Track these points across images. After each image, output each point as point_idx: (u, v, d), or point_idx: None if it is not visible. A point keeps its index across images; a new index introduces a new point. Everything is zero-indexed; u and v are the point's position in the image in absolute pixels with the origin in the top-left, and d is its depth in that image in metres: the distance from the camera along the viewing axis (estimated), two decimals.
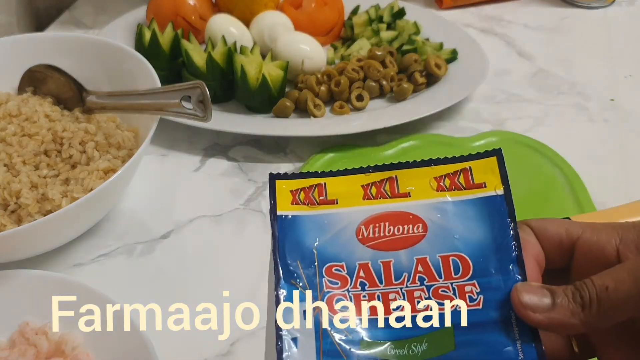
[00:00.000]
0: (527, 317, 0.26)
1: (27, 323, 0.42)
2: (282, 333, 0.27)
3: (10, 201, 0.47)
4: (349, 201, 0.30)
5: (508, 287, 0.27)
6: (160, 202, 0.55)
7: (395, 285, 0.28)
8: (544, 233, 0.28)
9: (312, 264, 0.29)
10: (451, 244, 0.29)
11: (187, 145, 0.61)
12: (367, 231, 0.29)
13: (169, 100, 0.51)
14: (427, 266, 0.28)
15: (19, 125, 0.52)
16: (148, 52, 0.61)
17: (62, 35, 0.62)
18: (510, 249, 0.28)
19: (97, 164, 0.50)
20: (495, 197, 0.29)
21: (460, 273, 0.28)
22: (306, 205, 0.30)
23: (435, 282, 0.28)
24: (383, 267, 0.29)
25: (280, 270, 0.28)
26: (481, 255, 0.28)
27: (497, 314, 0.27)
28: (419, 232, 0.29)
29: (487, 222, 0.29)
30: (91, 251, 0.50)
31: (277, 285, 0.28)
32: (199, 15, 0.71)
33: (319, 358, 0.27)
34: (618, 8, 0.82)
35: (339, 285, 0.28)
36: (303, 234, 0.29)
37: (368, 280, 0.28)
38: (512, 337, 0.27)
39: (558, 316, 0.25)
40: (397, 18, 0.74)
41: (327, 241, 0.29)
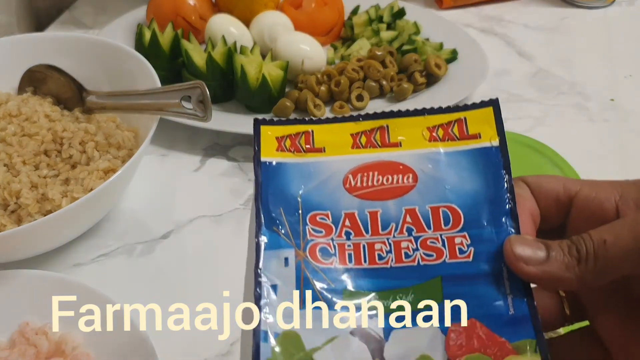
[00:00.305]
0: (519, 269, 0.25)
1: (27, 323, 0.42)
2: (262, 280, 0.26)
3: (10, 201, 0.47)
4: (337, 150, 0.29)
5: (500, 240, 0.26)
6: (160, 202, 0.55)
7: (382, 236, 0.27)
8: (540, 189, 0.28)
9: (295, 212, 0.28)
10: (442, 194, 0.28)
11: (187, 145, 0.61)
12: (355, 180, 0.28)
13: (169, 100, 0.51)
14: (416, 217, 0.28)
15: (19, 125, 0.52)
16: (148, 52, 0.61)
17: (62, 35, 0.62)
18: (504, 201, 0.27)
19: (97, 164, 0.50)
20: (490, 149, 0.28)
21: (451, 224, 0.27)
22: (292, 152, 0.29)
23: (424, 233, 0.27)
24: (370, 217, 0.28)
25: (262, 217, 0.28)
26: (473, 207, 0.27)
27: (488, 267, 0.26)
28: (409, 183, 0.28)
29: (480, 173, 0.28)
30: (91, 251, 0.50)
31: (258, 232, 0.27)
32: (199, 15, 0.71)
33: (299, 306, 0.26)
34: (618, 8, 0.82)
35: (323, 233, 0.28)
36: (287, 182, 0.28)
37: (354, 230, 0.28)
38: (503, 291, 0.26)
39: (552, 269, 0.24)
40: (397, 18, 0.74)
41: (312, 189, 0.28)
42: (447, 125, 0.29)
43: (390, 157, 0.29)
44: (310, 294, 0.26)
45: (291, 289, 0.26)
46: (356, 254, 0.27)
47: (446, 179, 0.28)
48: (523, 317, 0.25)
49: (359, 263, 0.27)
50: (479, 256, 0.27)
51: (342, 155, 0.29)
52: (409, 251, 0.27)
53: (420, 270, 0.27)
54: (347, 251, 0.27)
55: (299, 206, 0.28)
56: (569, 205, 0.27)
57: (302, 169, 0.29)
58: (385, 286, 0.27)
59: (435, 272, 0.27)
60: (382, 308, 0.26)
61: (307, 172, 0.29)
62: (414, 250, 0.27)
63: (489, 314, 0.25)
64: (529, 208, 0.27)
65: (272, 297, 0.26)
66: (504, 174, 0.28)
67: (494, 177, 0.28)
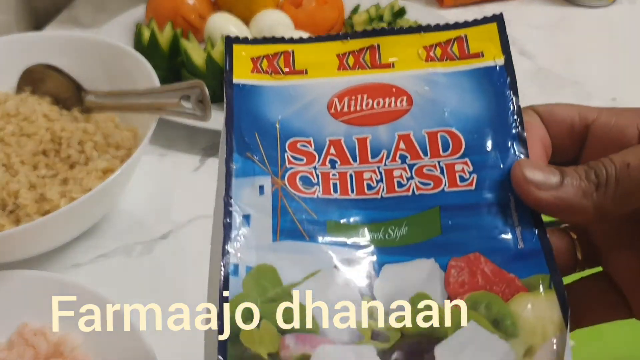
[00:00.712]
0: (530, 195, 0.22)
1: (25, 324, 0.42)
2: (232, 209, 0.23)
3: (9, 201, 0.47)
4: (320, 71, 0.26)
5: (507, 166, 0.24)
6: (160, 202, 0.55)
7: (372, 164, 0.25)
8: (553, 117, 0.25)
9: (272, 138, 0.25)
10: (440, 118, 0.25)
11: (187, 145, 0.60)
12: (341, 104, 0.25)
13: (168, 99, 0.50)
14: (410, 143, 0.25)
15: (18, 125, 0.52)
16: (147, 52, 0.61)
17: (60, 35, 0.62)
18: (511, 125, 0.24)
19: (96, 164, 0.50)
20: (494, 68, 0.25)
21: (450, 150, 0.24)
22: (269, 74, 0.26)
23: (420, 160, 0.24)
24: (358, 144, 0.25)
25: (233, 142, 0.24)
26: (476, 131, 0.24)
27: (493, 196, 0.23)
28: (403, 106, 0.25)
29: (483, 95, 0.25)
30: (90, 251, 0.50)
31: (229, 157, 0.24)
32: (199, 14, 0.71)
33: (275, 237, 0.23)
34: (619, 7, 0.82)
35: (304, 161, 0.24)
36: (263, 106, 0.25)
37: (339, 158, 0.25)
38: (511, 223, 0.23)
39: (567, 196, 0.22)
40: (397, 17, 0.74)
41: (292, 114, 0.25)
42: (445, 43, 0.26)
43: (382, 79, 0.26)
44: (289, 225, 0.23)
45: (267, 219, 0.23)
46: (342, 183, 0.24)
47: (445, 101, 0.25)
48: (534, 251, 0.22)
49: (345, 193, 0.24)
50: (482, 184, 0.24)
51: (326, 77, 0.26)
52: (402, 180, 0.24)
53: (416, 201, 0.24)
54: (332, 180, 0.24)
55: (277, 132, 0.25)
56: (584, 134, 0.25)
57: (281, 92, 0.26)
58: (375, 218, 0.24)
59: (432, 202, 0.24)
60: (372, 241, 0.23)
61: (286, 95, 0.26)
62: (408, 179, 0.24)
63: (495, 248, 0.23)
64: (540, 136, 0.25)
65: (244, 228, 0.23)
66: (510, 95, 0.25)
67: (498, 99, 0.25)
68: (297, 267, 0.23)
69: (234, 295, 0.22)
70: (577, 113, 0.25)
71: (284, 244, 0.23)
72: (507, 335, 0.21)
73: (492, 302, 0.22)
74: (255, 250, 0.23)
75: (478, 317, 0.22)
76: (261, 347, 0.21)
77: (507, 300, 0.22)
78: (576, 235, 0.25)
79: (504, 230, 0.23)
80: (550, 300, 0.22)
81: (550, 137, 0.25)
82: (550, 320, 0.21)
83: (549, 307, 0.21)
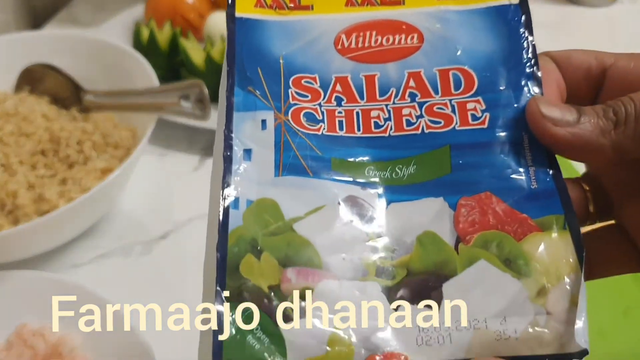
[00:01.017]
0: (546, 131, 0.21)
1: (24, 325, 0.42)
2: (233, 143, 0.23)
3: (7, 201, 0.47)
4: (327, 7, 0.25)
5: (521, 105, 0.23)
6: (159, 202, 0.55)
7: (380, 102, 0.24)
8: (568, 62, 0.24)
9: (276, 74, 0.24)
10: (452, 56, 0.24)
11: (186, 145, 0.60)
12: (349, 41, 0.25)
13: (167, 99, 0.50)
14: (420, 81, 0.24)
15: (16, 125, 0.51)
16: (146, 51, 0.60)
17: (59, 34, 0.62)
18: (525, 63, 0.24)
19: (95, 164, 0.49)
20: (509, 6, 0.25)
21: (462, 88, 0.24)
22: (273, 9, 0.25)
23: (430, 99, 0.24)
24: (365, 81, 0.24)
25: (234, 75, 0.24)
26: (489, 69, 0.24)
27: (506, 135, 0.23)
28: (413, 43, 0.24)
29: (497, 33, 0.24)
30: (89, 252, 0.50)
31: (230, 91, 0.23)
32: (198, 13, 0.71)
33: (277, 172, 0.23)
34: (621, 7, 0.82)
35: (308, 98, 0.24)
36: (267, 41, 0.24)
37: (346, 95, 0.24)
38: (524, 162, 0.22)
39: (584, 133, 0.21)
40: None
41: (296, 50, 0.24)
42: None
43: (391, 16, 0.25)
44: (292, 161, 0.23)
45: (269, 153, 0.23)
46: (348, 121, 0.23)
47: (457, 39, 0.24)
48: (548, 191, 0.22)
49: (352, 131, 0.23)
50: (495, 122, 0.23)
51: (333, 13, 0.25)
52: (411, 118, 0.23)
53: (425, 139, 0.23)
54: (338, 118, 0.24)
55: (281, 68, 0.24)
56: (601, 79, 0.24)
57: (286, 28, 0.25)
58: (382, 156, 0.23)
59: (442, 141, 0.23)
60: (379, 179, 0.23)
61: (291, 31, 0.25)
62: (418, 118, 0.23)
63: (507, 188, 0.22)
64: (555, 80, 0.24)
65: (245, 162, 0.23)
66: (525, 34, 0.24)
67: (512, 37, 0.24)
68: (299, 202, 0.22)
69: (234, 227, 0.22)
70: (594, 58, 0.24)
71: (286, 179, 0.22)
72: (519, 274, 0.21)
73: (503, 241, 0.21)
74: (257, 185, 0.22)
75: (489, 256, 0.21)
76: (261, 279, 0.21)
77: (519, 240, 0.21)
78: (589, 187, 0.25)
79: (516, 169, 0.22)
80: (564, 240, 0.21)
81: (566, 82, 0.24)
82: (564, 260, 0.21)
83: (563, 248, 0.21)
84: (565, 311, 0.20)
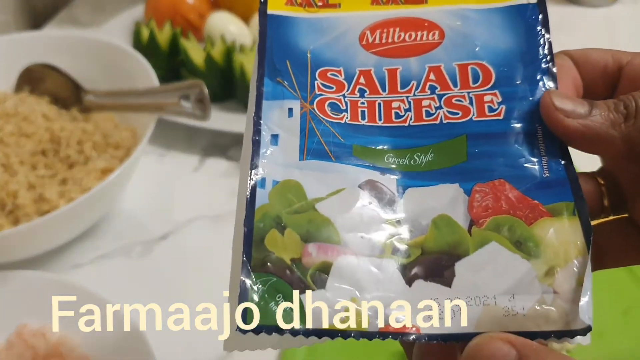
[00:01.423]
0: (558, 122, 0.23)
1: (24, 325, 0.42)
2: (261, 128, 0.25)
3: (8, 201, 0.47)
4: (354, 5, 0.27)
5: (536, 98, 0.24)
6: (159, 202, 0.55)
7: (401, 94, 0.25)
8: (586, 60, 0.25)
9: (303, 66, 0.26)
10: (472, 52, 0.26)
11: (186, 145, 0.60)
12: (373, 37, 0.26)
13: (167, 99, 0.50)
14: (440, 74, 0.25)
15: (16, 125, 0.51)
16: (146, 51, 0.60)
17: (59, 34, 0.62)
18: (541, 59, 0.25)
19: (95, 164, 0.49)
20: (527, 6, 0.26)
21: (480, 82, 0.25)
22: (302, 7, 0.27)
23: (449, 91, 0.25)
24: (388, 74, 0.26)
25: (265, 67, 0.26)
26: (506, 65, 0.25)
27: (521, 126, 0.24)
28: (435, 40, 0.26)
29: (515, 31, 0.26)
30: (89, 252, 0.50)
31: (260, 81, 0.25)
32: (198, 13, 0.71)
33: (302, 157, 0.24)
34: (621, 7, 0.82)
35: (333, 89, 0.25)
36: (296, 36, 0.26)
37: (369, 87, 0.26)
38: (537, 152, 0.24)
39: (595, 125, 0.22)
40: None
41: (323, 45, 0.26)
42: None
43: (414, 14, 0.26)
44: (316, 146, 0.24)
45: (294, 139, 0.24)
46: (370, 111, 0.25)
47: (477, 36, 0.26)
48: (560, 179, 0.23)
49: (373, 121, 0.25)
50: (510, 114, 0.24)
51: (359, 11, 0.27)
52: (430, 109, 0.25)
53: (443, 129, 0.25)
54: (360, 108, 0.25)
55: (308, 61, 0.26)
56: (617, 77, 0.25)
57: (314, 24, 0.27)
58: (401, 144, 0.25)
59: (459, 131, 0.24)
60: (397, 166, 0.24)
61: (319, 27, 0.26)
62: (437, 109, 0.25)
63: (520, 176, 0.23)
64: (572, 76, 0.25)
65: (272, 146, 0.24)
66: (542, 32, 0.26)
67: (530, 35, 0.26)
68: (322, 184, 0.24)
69: (260, 205, 0.23)
70: (610, 56, 0.25)
71: (310, 163, 0.24)
72: (528, 255, 0.22)
73: (515, 225, 0.22)
74: (282, 167, 0.24)
75: (500, 238, 0.22)
76: (284, 253, 0.22)
77: (530, 224, 0.22)
78: (604, 182, 0.26)
79: (530, 159, 0.24)
80: (573, 225, 0.22)
81: (583, 79, 0.25)
82: (573, 244, 0.22)
83: (572, 232, 0.22)
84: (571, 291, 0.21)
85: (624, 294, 0.44)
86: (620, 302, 0.43)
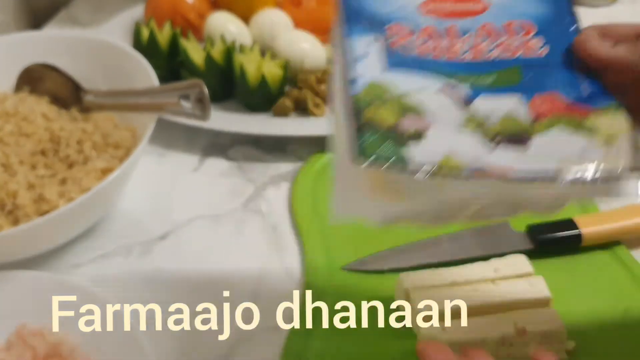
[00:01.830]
0: (590, 50, 0.31)
1: (24, 325, 0.42)
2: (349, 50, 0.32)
3: (7, 201, 0.47)
4: None
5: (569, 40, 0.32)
6: (159, 202, 0.55)
7: (460, 40, 0.33)
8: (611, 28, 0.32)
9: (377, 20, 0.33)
10: (515, 13, 0.34)
11: (186, 145, 0.60)
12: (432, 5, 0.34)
13: (167, 99, 0.50)
14: (491, 28, 0.33)
15: (16, 125, 0.51)
16: (146, 51, 0.60)
17: (59, 34, 0.62)
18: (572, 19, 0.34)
19: (95, 164, 0.49)
20: None
21: (524, 33, 0.33)
22: None
23: (500, 38, 0.33)
24: (447, 29, 0.33)
25: (346, 14, 0.33)
26: (544, 21, 0.33)
27: (562, 59, 0.32)
28: (482, 7, 0.34)
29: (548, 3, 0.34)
30: (89, 252, 0.50)
31: (344, 22, 0.33)
32: (198, 13, 0.71)
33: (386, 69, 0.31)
34: (621, 7, 0.82)
35: (403, 35, 0.33)
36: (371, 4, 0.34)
37: (432, 38, 0.33)
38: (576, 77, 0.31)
39: (618, 52, 0.30)
40: None
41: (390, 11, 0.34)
42: None
43: None
44: (397, 60, 0.32)
45: (378, 58, 0.32)
46: (436, 51, 0.32)
47: (517, 6, 0.34)
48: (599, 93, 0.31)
49: (439, 56, 0.32)
50: (552, 51, 0.32)
51: None
52: (485, 50, 0.32)
53: (499, 64, 0.32)
54: (427, 51, 0.32)
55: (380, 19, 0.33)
56: None
57: None
58: (466, 71, 0.31)
59: (513, 64, 0.32)
60: (465, 83, 0.31)
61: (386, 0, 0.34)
62: (491, 50, 0.32)
63: (568, 91, 0.31)
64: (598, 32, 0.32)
65: (360, 62, 0.31)
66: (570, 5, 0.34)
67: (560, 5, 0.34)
68: (406, 84, 0.31)
69: (355, 93, 0.30)
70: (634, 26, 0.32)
71: (394, 71, 0.31)
72: (588, 134, 0.29)
73: (572, 118, 0.30)
74: (370, 74, 0.31)
75: (562, 125, 0.30)
76: (383, 121, 0.29)
77: (583, 118, 0.30)
78: None
79: (571, 81, 0.31)
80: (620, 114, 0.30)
81: None
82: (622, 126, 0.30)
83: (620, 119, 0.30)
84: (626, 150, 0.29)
85: (624, 294, 0.44)
86: (620, 302, 0.43)
